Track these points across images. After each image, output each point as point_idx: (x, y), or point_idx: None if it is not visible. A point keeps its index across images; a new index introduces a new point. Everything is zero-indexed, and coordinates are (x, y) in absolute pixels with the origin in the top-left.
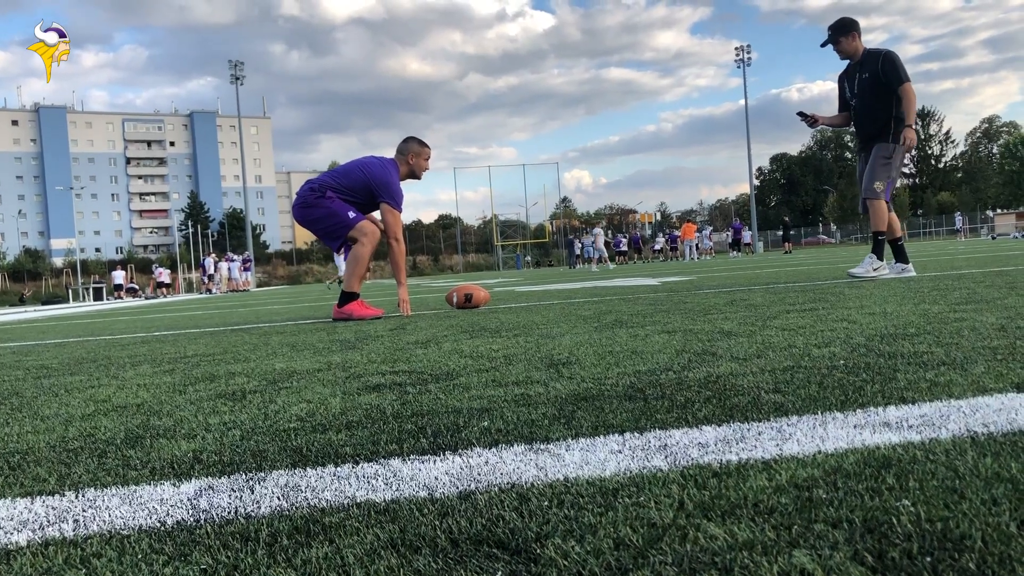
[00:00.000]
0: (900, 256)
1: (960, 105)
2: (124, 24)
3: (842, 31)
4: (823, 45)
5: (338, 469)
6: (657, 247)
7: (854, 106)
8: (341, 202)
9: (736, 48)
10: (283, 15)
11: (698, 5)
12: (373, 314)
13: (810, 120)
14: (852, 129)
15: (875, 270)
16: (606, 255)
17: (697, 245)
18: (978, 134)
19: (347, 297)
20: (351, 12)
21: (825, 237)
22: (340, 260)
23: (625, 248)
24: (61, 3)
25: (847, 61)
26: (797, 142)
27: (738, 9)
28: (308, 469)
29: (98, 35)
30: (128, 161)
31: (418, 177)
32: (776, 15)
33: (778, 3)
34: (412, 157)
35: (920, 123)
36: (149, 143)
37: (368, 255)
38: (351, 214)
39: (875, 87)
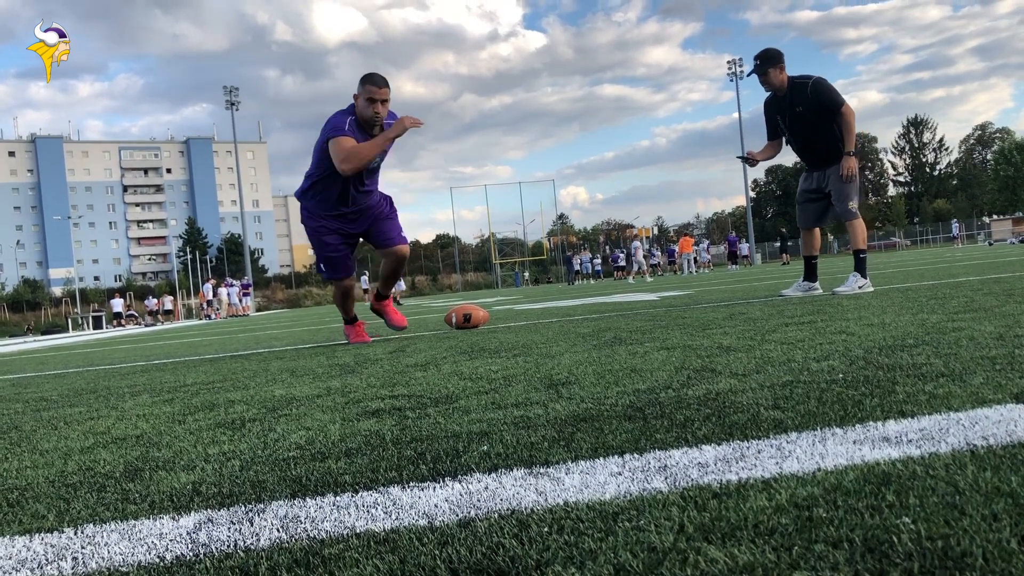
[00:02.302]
0: (810, 275)
1: (952, 113)
2: (118, 54)
3: (771, 62)
4: (748, 75)
5: (337, 499)
6: (655, 261)
7: (789, 137)
8: (310, 214)
9: (728, 62)
10: (276, 41)
11: (689, 20)
12: (361, 340)
13: (750, 161)
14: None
15: (860, 288)
16: (645, 267)
17: (695, 258)
18: (972, 141)
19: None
20: (344, 36)
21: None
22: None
23: (623, 263)
24: None
25: (770, 93)
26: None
27: (728, 23)
28: (307, 499)
29: (93, 65)
30: (125, 189)
31: (368, 123)
32: (766, 28)
33: (767, 17)
34: (357, 97)
35: (913, 131)
36: (146, 170)
37: (339, 290)
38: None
39: (814, 115)
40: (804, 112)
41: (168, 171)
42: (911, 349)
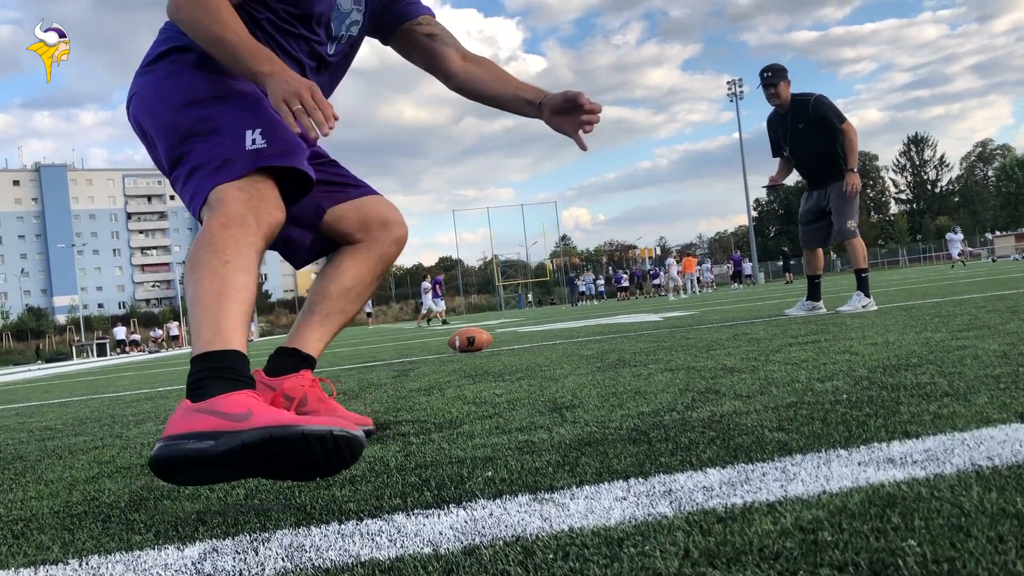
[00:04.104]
0: (814, 294)
1: (952, 130)
2: (122, 83)
3: (783, 75)
4: (758, 87)
5: (342, 527)
6: (658, 282)
7: (791, 154)
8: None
9: (728, 82)
10: None
11: (688, 42)
12: (278, 422)
13: (776, 187)
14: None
15: (863, 307)
16: (680, 283)
17: (698, 278)
18: (972, 158)
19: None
20: None
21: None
22: (428, 298)
23: (627, 284)
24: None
25: (774, 107)
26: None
27: (727, 45)
28: (312, 528)
29: (96, 94)
30: (129, 216)
31: None
32: (765, 49)
33: (766, 38)
34: None
35: (914, 149)
36: (149, 197)
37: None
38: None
39: (815, 132)
40: (805, 129)
41: (172, 198)
42: (915, 368)
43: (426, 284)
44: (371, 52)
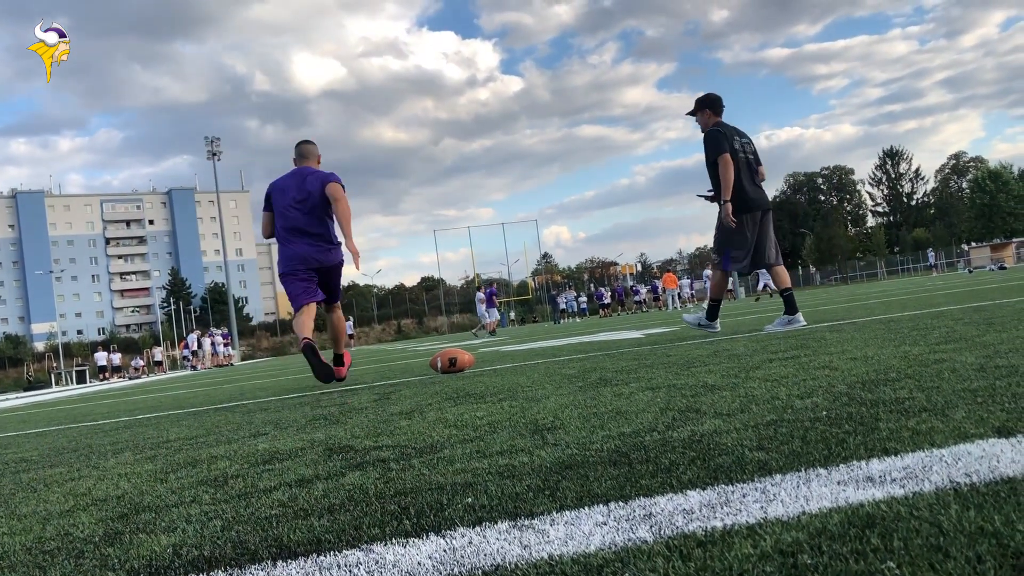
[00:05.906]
0: (790, 308)
1: (925, 143)
2: (98, 109)
3: (699, 105)
4: (688, 114)
5: (321, 558)
6: (639, 298)
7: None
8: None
9: None
10: (256, 91)
11: (663, 61)
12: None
13: (707, 198)
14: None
15: (702, 326)
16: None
17: (679, 294)
18: (947, 170)
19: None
20: (323, 85)
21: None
22: (482, 309)
23: (608, 301)
24: (36, 92)
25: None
26: (770, 188)
27: (701, 63)
28: (290, 560)
29: (73, 120)
30: (108, 241)
31: None
32: (739, 67)
33: (740, 56)
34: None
35: (890, 162)
36: (128, 222)
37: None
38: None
39: (707, 162)
40: (705, 157)
41: (151, 222)
42: (893, 383)
43: (480, 295)
44: (348, 74)
